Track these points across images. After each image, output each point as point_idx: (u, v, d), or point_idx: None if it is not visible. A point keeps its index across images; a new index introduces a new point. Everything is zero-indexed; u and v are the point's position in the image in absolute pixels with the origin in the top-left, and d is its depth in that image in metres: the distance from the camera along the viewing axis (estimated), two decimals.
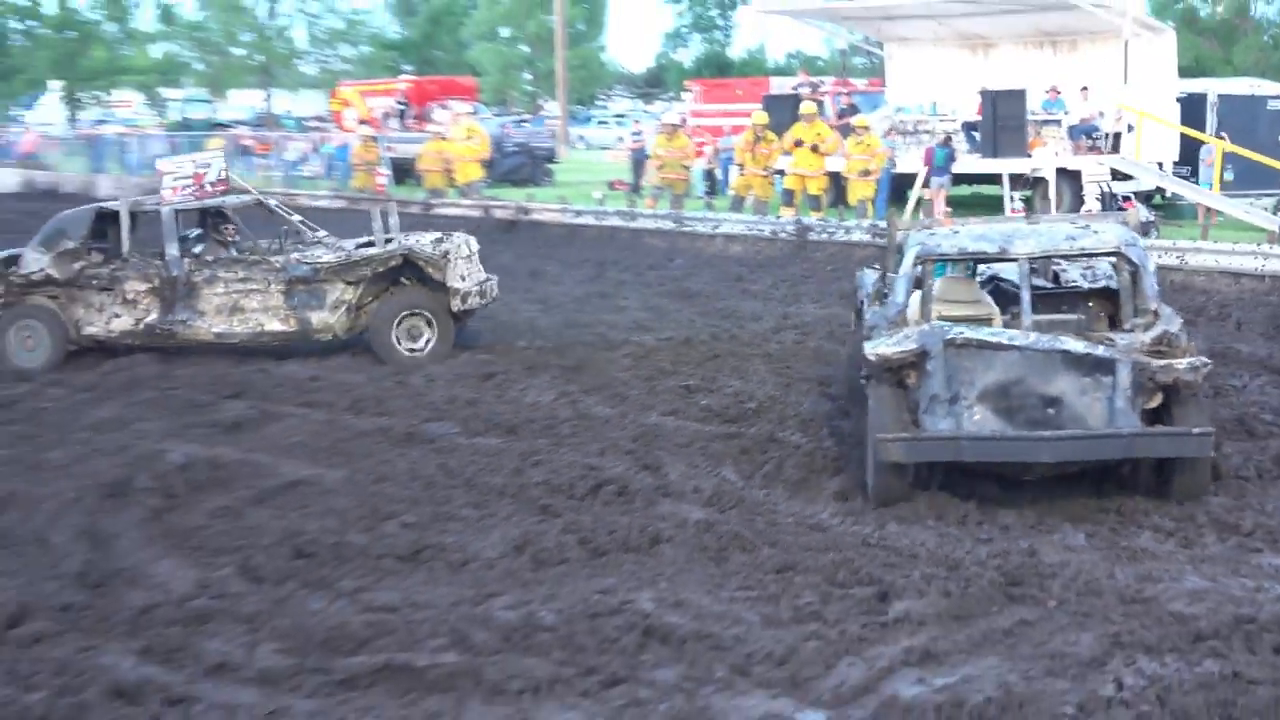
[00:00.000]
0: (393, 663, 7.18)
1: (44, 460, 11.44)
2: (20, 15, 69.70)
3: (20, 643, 7.63)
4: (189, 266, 15.45)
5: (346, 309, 15.36)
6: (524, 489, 10.38)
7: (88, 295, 15.55)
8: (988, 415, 9.34)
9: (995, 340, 9.38)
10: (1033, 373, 9.29)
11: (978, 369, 9.36)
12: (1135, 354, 9.23)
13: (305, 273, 15.34)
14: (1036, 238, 10.27)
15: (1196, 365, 9.17)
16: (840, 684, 6.95)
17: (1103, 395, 9.21)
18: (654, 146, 30.78)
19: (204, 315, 15.46)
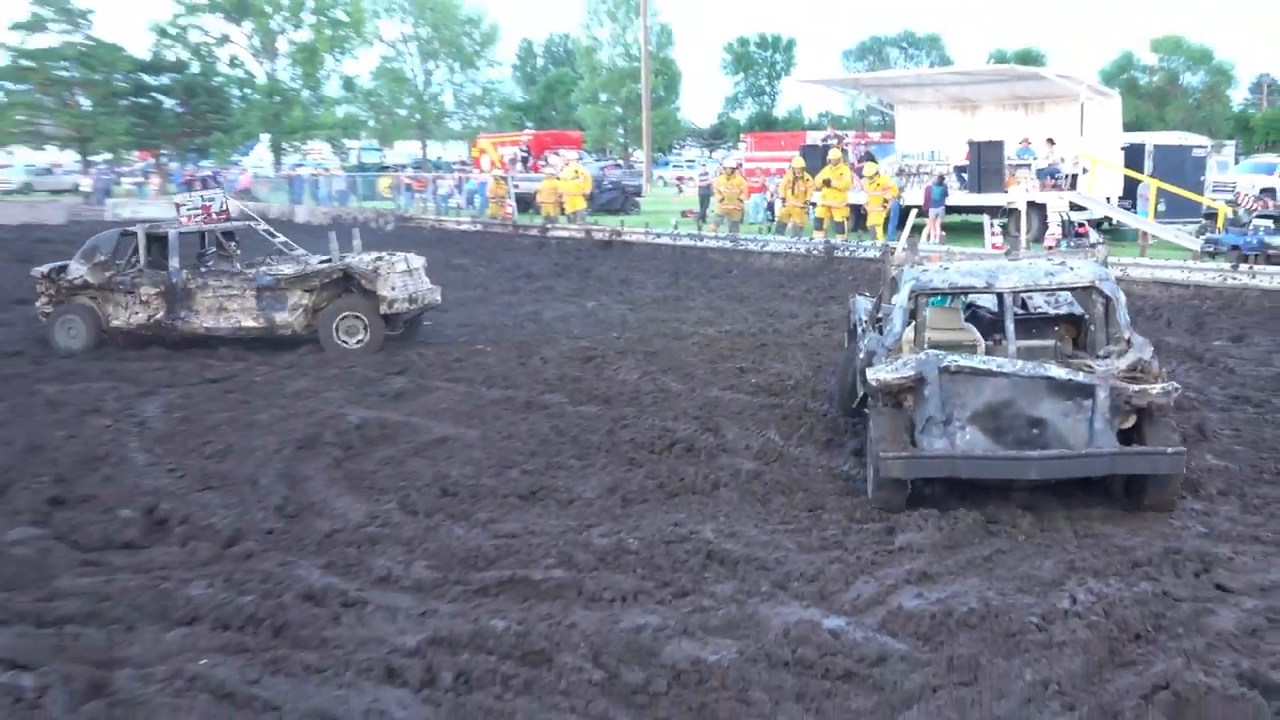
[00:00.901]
0: (515, 576, 7.21)
1: (254, 420, 11.55)
2: (240, 85, 70.37)
3: (235, 558, 7.72)
4: (185, 276, 15.64)
5: (303, 310, 15.48)
6: (615, 445, 10.39)
7: (115, 296, 15.83)
8: (978, 435, 8.47)
9: (985, 367, 8.52)
10: (1020, 396, 8.43)
11: (969, 393, 8.51)
12: (1112, 379, 8.42)
13: (270, 282, 15.50)
14: (1019, 273, 9.33)
15: (1168, 390, 8.38)
16: (857, 597, 6.94)
17: (1083, 417, 8.35)
18: (716, 184, 30.76)
19: (198, 314, 15.67)
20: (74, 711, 5.50)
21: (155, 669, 5.94)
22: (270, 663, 5.99)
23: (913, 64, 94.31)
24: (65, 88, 61.04)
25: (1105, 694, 5.61)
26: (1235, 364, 13.61)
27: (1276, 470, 9.36)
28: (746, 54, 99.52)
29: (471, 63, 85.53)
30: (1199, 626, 6.36)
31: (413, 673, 5.82)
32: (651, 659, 6.09)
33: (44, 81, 60.24)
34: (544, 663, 5.98)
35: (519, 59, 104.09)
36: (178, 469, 9.93)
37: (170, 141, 66.59)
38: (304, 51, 69.76)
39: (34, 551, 7.63)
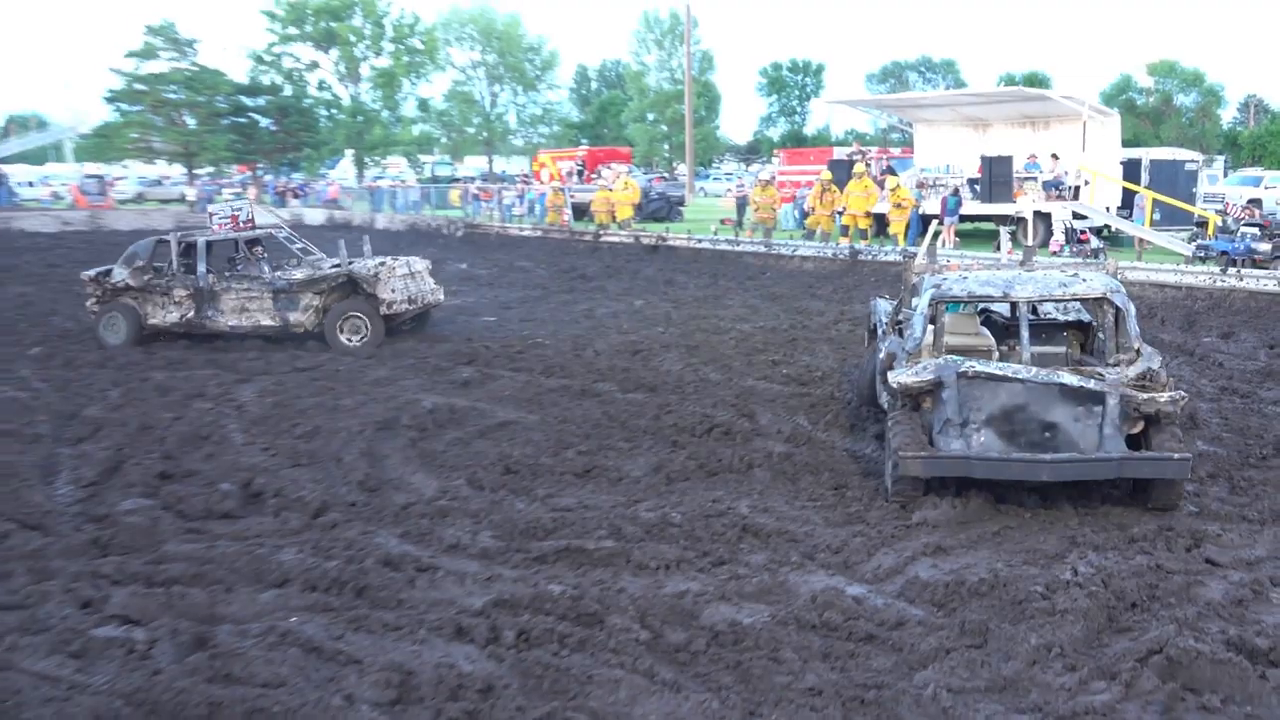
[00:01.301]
0: (570, 546, 7.22)
1: (339, 405, 11.62)
2: (327, 105, 70.82)
3: (322, 528, 7.78)
4: (212, 280, 15.68)
5: (314, 311, 15.47)
6: (660, 429, 10.38)
7: (152, 297, 15.86)
8: (993, 437, 8.08)
9: (1001, 373, 8.13)
10: (1033, 402, 8.04)
11: (985, 397, 8.13)
12: (1122, 388, 8.00)
13: (284, 285, 15.52)
14: (1034, 284, 8.85)
15: (1176, 398, 7.96)
16: (878, 567, 6.91)
17: (1093, 422, 7.96)
18: (752, 195, 30.63)
19: (223, 314, 15.67)
20: (180, 662, 5.56)
21: (251, 625, 6.00)
22: (352, 621, 6.04)
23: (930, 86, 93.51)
24: (173, 108, 61.58)
25: (1104, 657, 5.57)
26: (1224, 359, 13.46)
27: (1262, 455, 9.25)
28: (780, 77, 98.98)
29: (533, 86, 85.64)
30: (1190, 597, 6.31)
31: (479, 631, 5.84)
32: (692, 621, 6.09)
33: (155, 103, 60.85)
34: (596, 623, 5.99)
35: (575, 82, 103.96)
36: (271, 448, 10.02)
37: (265, 156, 67.12)
38: (384, 76, 70.16)
39: (145, 520, 7.73)
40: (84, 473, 9.16)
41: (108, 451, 9.75)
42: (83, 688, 5.29)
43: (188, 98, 61.15)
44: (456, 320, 17.78)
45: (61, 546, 7.37)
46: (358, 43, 69.57)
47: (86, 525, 7.92)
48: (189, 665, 5.50)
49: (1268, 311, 17.13)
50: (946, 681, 5.33)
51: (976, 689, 5.31)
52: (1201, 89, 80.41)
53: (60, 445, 10.14)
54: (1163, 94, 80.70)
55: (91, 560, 7.12)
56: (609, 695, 5.24)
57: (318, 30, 68.34)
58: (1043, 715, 5.02)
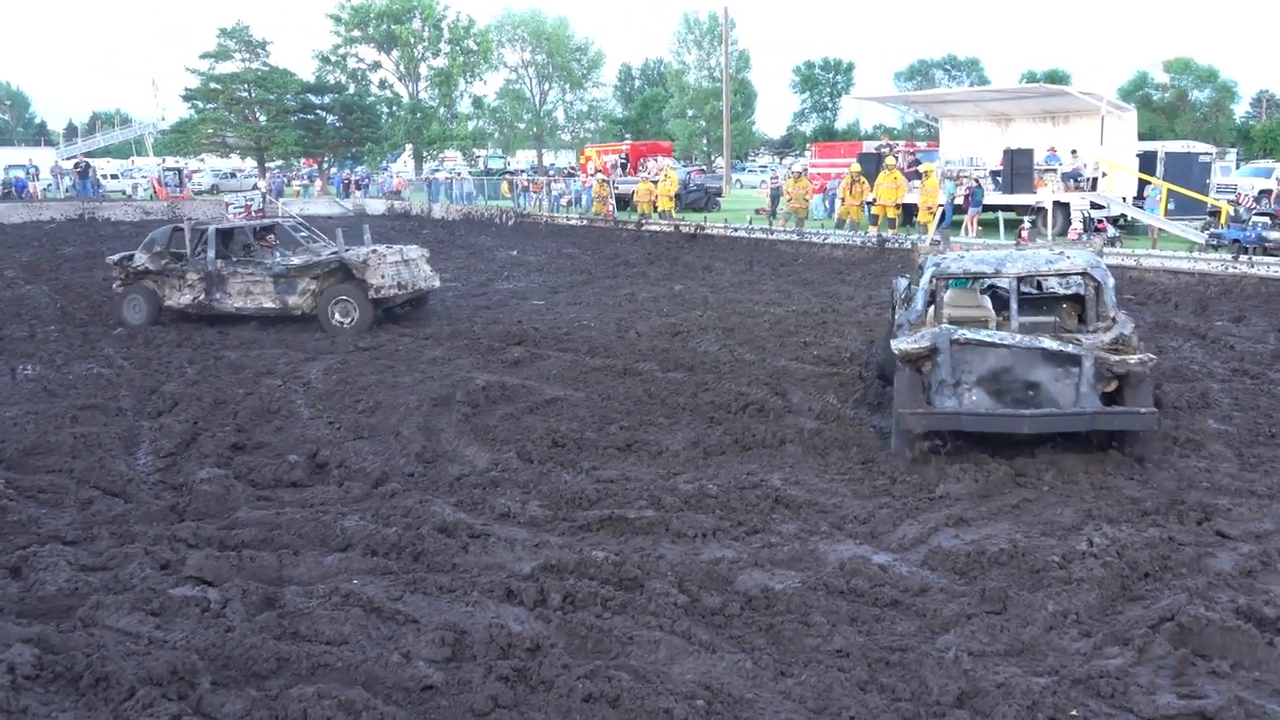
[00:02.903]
0: (613, 515, 7.22)
1: (398, 382, 11.67)
2: (388, 103, 71.16)
3: (382, 496, 7.83)
4: (220, 265, 15.76)
5: (311, 294, 15.51)
6: (698, 406, 10.35)
7: (169, 280, 16.01)
8: (982, 395, 8.50)
9: (989, 340, 8.55)
10: (1018, 364, 8.46)
11: (975, 361, 8.54)
12: (1097, 351, 8.39)
13: (282, 270, 15.55)
14: (1023, 261, 9.33)
15: (1144, 360, 8.36)
16: (903, 537, 6.86)
17: (1071, 382, 8.38)
18: (786, 186, 30.46)
19: (230, 296, 15.76)
20: (250, 620, 5.61)
21: (316, 586, 6.05)
22: (410, 583, 6.07)
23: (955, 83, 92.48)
24: (246, 106, 62.09)
25: (1117, 623, 5.51)
26: (1235, 341, 13.25)
27: (1271, 433, 9.10)
28: (812, 75, 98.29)
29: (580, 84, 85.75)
30: (1200, 567, 6.23)
31: (528, 594, 5.86)
32: (727, 586, 6.07)
33: (228, 101, 61.40)
34: (637, 587, 5.99)
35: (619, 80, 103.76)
36: (335, 422, 10.08)
37: (331, 150, 67.56)
38: (441, 75, 70.40)
39: (219, 488, 7.79)
40: (163, 444, 9.25)
41: (185, 424, 9.84)
42: (161, 643, 5.35)
43: (259, 96, 61.64)
44: (510, 303, 17.82)
45: (142, 512, 7.46)
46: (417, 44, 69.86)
47: (165, 493, 8.02)
48: (259, 623, 5.55)
49: (1278, 297, 16.85)
50: (967, 645, 5.29)
51: (996, 652, 5.27)
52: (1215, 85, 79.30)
53: (141, 418, 10.25)
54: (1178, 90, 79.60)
55: (169, 525, 7.19)
56: (649, 655, 5.25)
57: (379, 32, 68.65)
58: (1059, 678, 4.97)
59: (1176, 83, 79.71)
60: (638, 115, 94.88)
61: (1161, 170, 27.51)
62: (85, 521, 7.29)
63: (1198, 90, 79.66)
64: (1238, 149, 66.67)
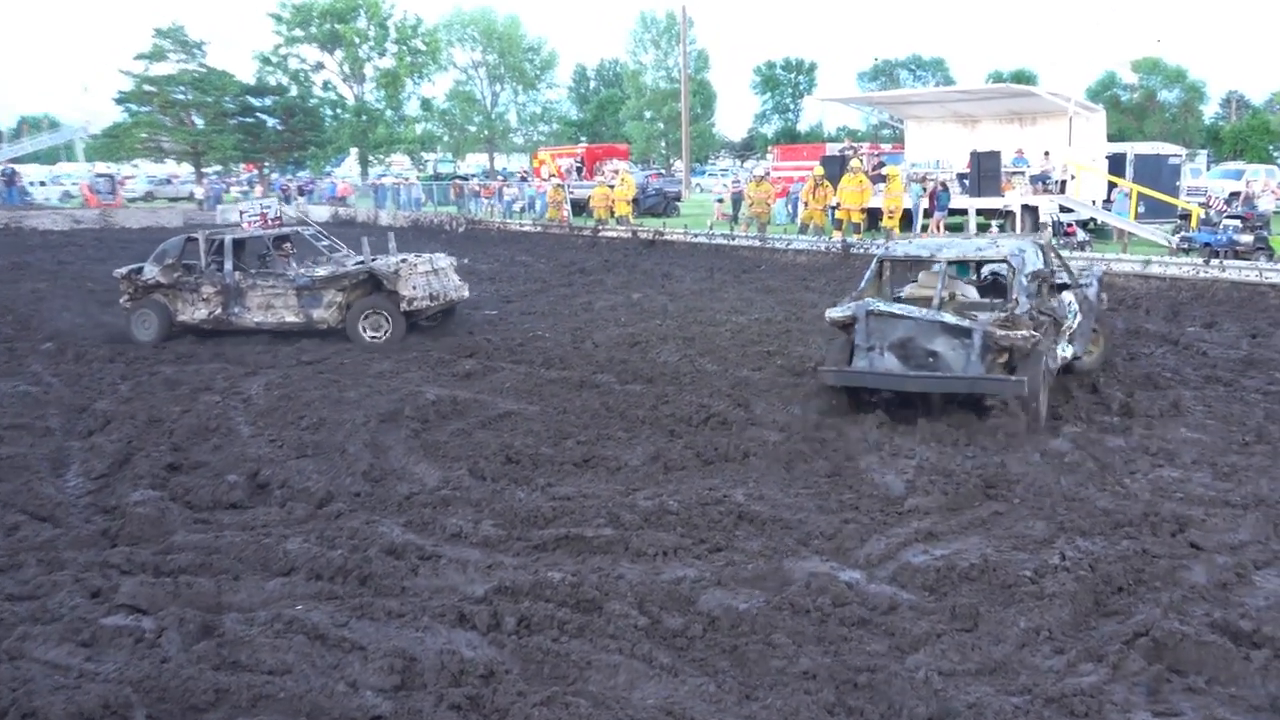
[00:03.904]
0: (570, 534, 7.19)
1: (343, 397, 11.58)
2: (332, 105, 70.86)
3: (327, 517, 7.75)
4: (239, 277, 15.55)
5: (337, 307, 15.31)
6: (658, 419, 10.34)
7: (181, 294, 15.72)
8: (891, 359, 10.02)
9: (898, 312, 10.04)
10: (920, 334, 9.92)
11: (886, 330, 10.05)
12: (987, 326, 9.64)
13: (307, 282, 15.36)
14: (956, 248, 11.06)
15: (1027, 336, 9.57)
16: (870, 553, 6.88)
17: (964, 351, 9.73)
18: (747, 190, 30.62)
19: (249, 310, 15.51)
20: (187, 650, 5.53)
21: (257, 613, 5.98)
22: (357, 608, 6.01)
23: (920, 84, 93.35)
24: (182, 109, 61.53)
25: (1091, 639, 5.55)
26: (1207, 347, 13.43)
27: (1245, 442, 9.22)
28: (773, 75, 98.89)
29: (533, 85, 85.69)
30: (1175, 580, 6.28)
31: (480, 618, 5.82)
32: (689, 606, 6.06)
33: (164, 103, 60.81)
34: (595, 609, 5.96)
35: (574, 81, 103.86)
36: (277, 439, 9.98)
37: (272, 155, 67.04)
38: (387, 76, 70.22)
39: (154, 511, 7.68)
40: (94, 465, 9.12)
41: (117, 444, 9.71)
42: (92, 676, 5.27)
43: (196, 98, 61.09)
44: (461, 313, 17.76)
45: (71, 537, 7.34)
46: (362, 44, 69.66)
47: (96, 516, 7.90)
48: (196, 653, 5.47)
49: (1250, 302, 17.12)
50: (938, 664, 5.31)
51: (967, 671, 5.29)
52: (1184, 85, 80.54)
53: (71, 438, 10.11)
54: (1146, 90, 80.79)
55: (101, 551, 7.09)
56: (608, 679, 5.23)
57: (323, 32, 68.38)
58: (1032, 697, 5.00)
59: (1145, 83, 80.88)
60: (593, 117, 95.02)
61: (1131, 172, 27.89)
62: (11, 548, 7.16)
63: (1167, 91, 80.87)
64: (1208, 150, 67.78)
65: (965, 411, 10.09)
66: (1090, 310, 11.84)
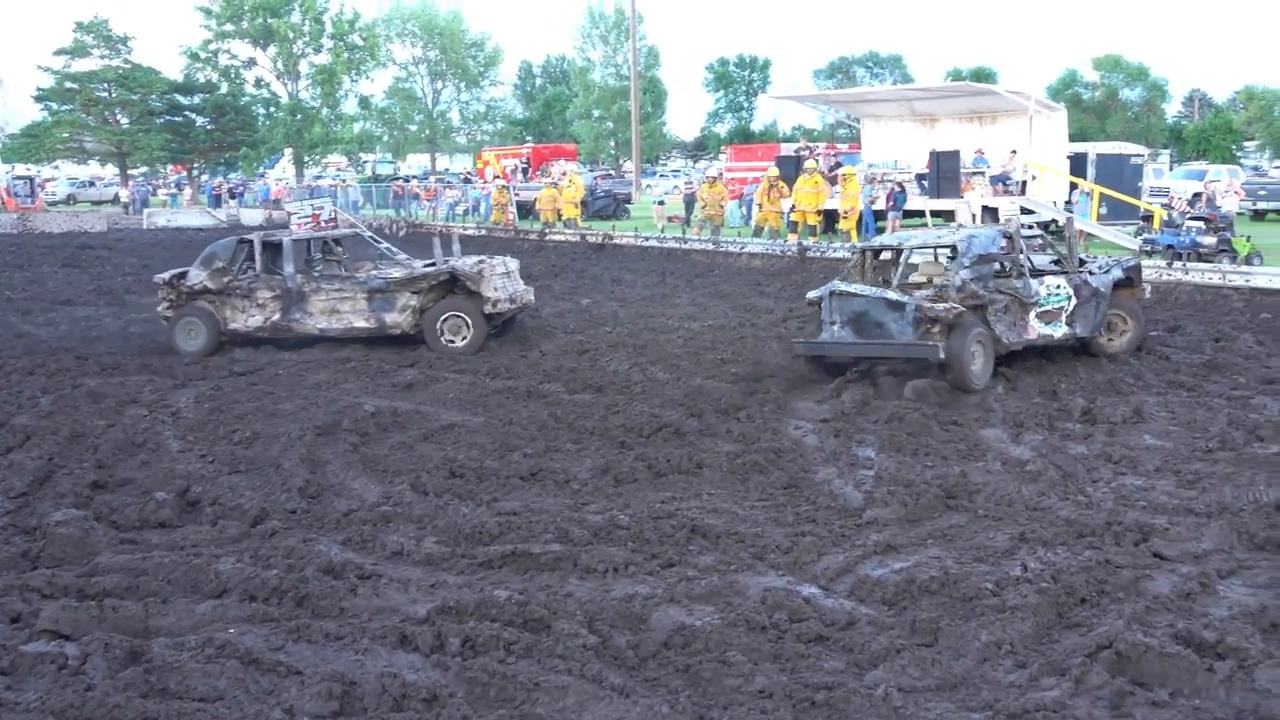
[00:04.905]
0: (517, 550, 7.18)
1: (278, 410, 11.49)
2: (265, 104, 70.29)
3: (261, 536, 7.68)
4: (300, 281, 15.30)
5: (411, 311, 15.04)
6: (608, 430, 10.35)
7: (232, 301, 15.39)
8: (847, 332, 12.18)
9: (854, 290, 12.20)
10: (871, 309, 11.97)
11: (845, 306, 12.17)
12: (919, 300, 11.53)
13: (380, 285, 15.12)
14: (921, 238, 13.40)
15: (949, 308, 11.38)
16: (828, 567, 6.92)
17: (901, 323, 11.69)
18: (700, 192, 30.74)
19: (311, 316, 15.23)
20: (113, 677, 5.46)
21: (188, 638, 5.91)
22: (293, 631, 5.96)
23: (877, 81, 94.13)
24: (106, 107, 60.94)
25: (1054, 653, 5.62)
26: (1170, 352, 13.62)
27: (1208, 449, 9.35)
28: (726, 73, 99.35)
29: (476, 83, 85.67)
30: (1138, 591, 6.37)
31: (423, 639, 5.80)
32: (641, 624, 6.07)
33: (86, 102, 60.18)
34: (543, 629, 5.96)
35: (519, 79, 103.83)
36: (208, 454, 9.89)
37: (201, 156, 66.53)
38: (323, 73, 69.71)
39: (77, 531, 7.58)
40: (12, 483, 8.97)
41: (37, 461, 9.56)
42: (12, 706, 5.19)
43: (120, 96, 60.52)
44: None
45: None
46: (296, 39, 69.10)
47: (15, 538, 7.77)
48: (123, 680, 5.40)
49: (1213, 305, 17.40)
50: (897, 681, 5.36)
51: (928, 688, 5.34)
52: (1146, 83, 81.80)
53: None
54: (1108, 88, 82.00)
55: (20, 574, 6.97)
56: (556, 702, 5.22)
57: (255, 26, 67.76)
58: (993, 713, 5.05)
59: (1106, 81, 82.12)
60: (540, 116, 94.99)
61: (1092, 173, 28.30)
62: None
63: (1128, 89, 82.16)
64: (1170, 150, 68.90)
65: (925, 418, 10.25)
66: (1096, 296, 12.85)
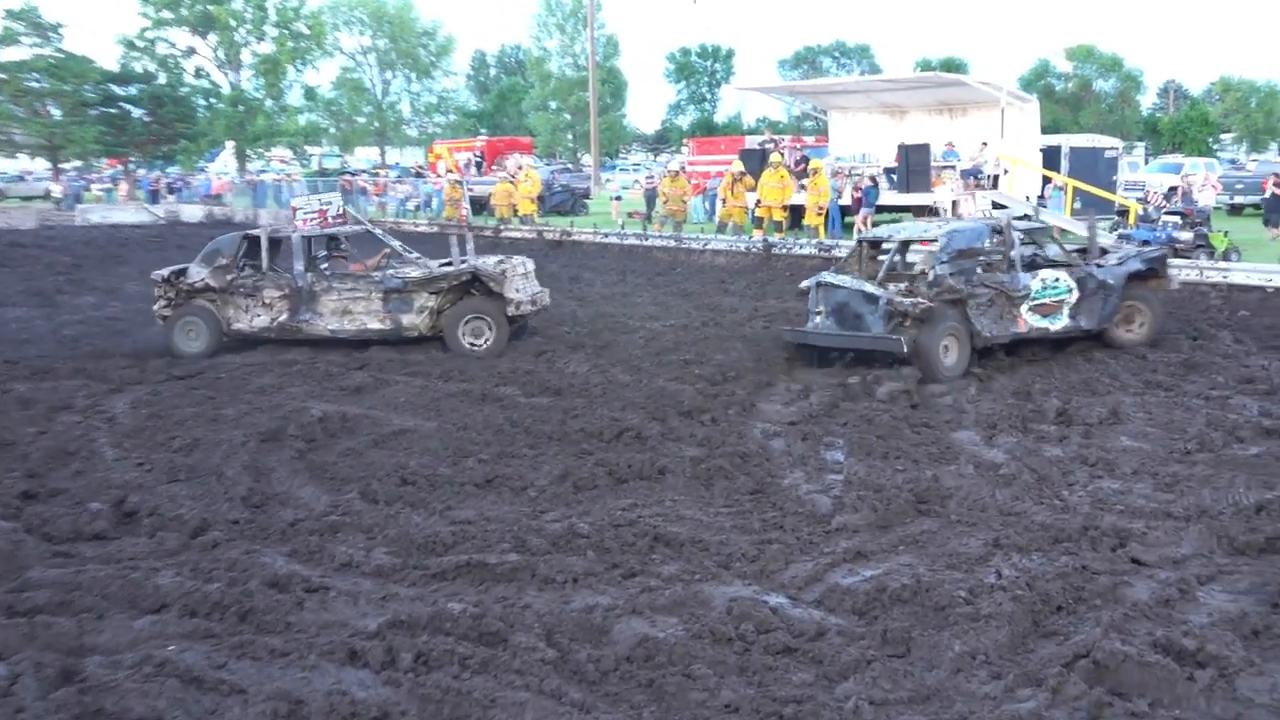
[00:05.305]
0: (471, 561, 7.15)
1: (220, 415, 11.40)
2: (205, 94, 69.64)
3: (202, 547, 7.61)
4: (311, 279, 15.14)
5: (429, 313, 14.94)
6: (567, 435, 10.35)
7: (236, 300, 15.24)
8: (829, 321, 12.98)
9: (836, 282, 13.02)
10: (850, 301, 12.74)
11: (828, 297, 12.99)
12: (890, 295, 12.28)
13: (397, 285, 14.99)
14: (909, 232, 14.10)
15: (916, 302, 12.06)
16: (796, 575, 6.94)
17: (874, 315, 12.39)
18: (661, 187, 30.76)
19: (322, 316, 15.11)
20: (45, 698, 5.39)
21: (124, 656, 5.84)
22: (236, 647, 5.90)
23: (844, 72, 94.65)
24: (36, 98, 60.13)
25: (1029, 663, 5.65)
26: (1146, 350, 13.74)
27: (1186, 450, 9.46)
28: (688, 63, 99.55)
29: (428, 73, 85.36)
30: (1116, 598, 6.42)
31: (374, 654, 5.76)
32: (601, 637, 6.07)
33: (15, 92, 59.34)
34: (499, 643, 5.93)
35: (473, 69, 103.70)
36: (146, 463, 9.79)
37: (138, 149, 65.76)
38: (267, 63, 69.12)
39: (6, 544, 7.47)
40: None
41: None
42: None
43: (52, 86, 59.68)
44: None
45: None
46: (238, 27, 68.45)
47: None
48: (55, 701, 5.33)
49: (1190, 302, 17.58)
50: (868, 693, 5.37)
51: (900, 700, 5.36)
52: (1120, 74, 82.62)
53: None
54: (1081, 79, 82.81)
55: None
56: (514, 719, 5.20)
57: (194, 14, 67.10)
58: None
59: (1080, 72, 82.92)
60: (494, 108, 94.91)
61: (1066, 166, 28.55)
62: None
63: (1102, 80, 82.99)
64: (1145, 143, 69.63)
65: (896, 420, 10.36)
66: (1104, 289, 13.56)
